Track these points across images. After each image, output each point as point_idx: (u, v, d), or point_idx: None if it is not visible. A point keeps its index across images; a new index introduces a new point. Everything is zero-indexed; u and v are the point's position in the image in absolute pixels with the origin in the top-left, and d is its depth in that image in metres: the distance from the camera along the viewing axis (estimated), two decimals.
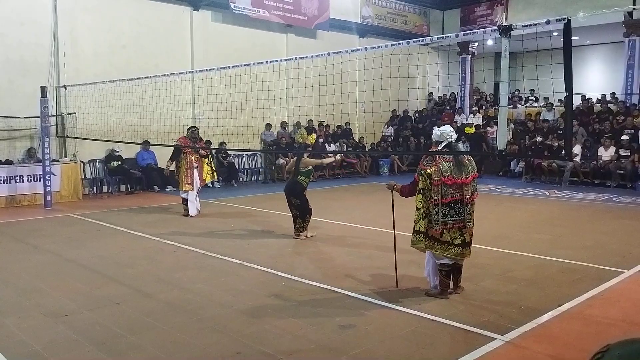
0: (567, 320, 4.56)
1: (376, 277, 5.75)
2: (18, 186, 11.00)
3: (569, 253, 6.71)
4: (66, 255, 6.83)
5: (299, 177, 7.65)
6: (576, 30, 13.02)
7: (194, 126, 9.96)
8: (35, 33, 11.84)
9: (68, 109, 12.16)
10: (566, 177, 14.02)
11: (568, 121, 5.08)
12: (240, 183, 15.09)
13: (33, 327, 4.40)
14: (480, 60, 19.39)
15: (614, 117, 15.12)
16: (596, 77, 21.12)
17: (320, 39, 17.01)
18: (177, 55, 13.98)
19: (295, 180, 7.68)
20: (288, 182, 7.94)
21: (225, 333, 4.25)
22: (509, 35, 4.73)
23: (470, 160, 5.07)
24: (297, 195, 7.59)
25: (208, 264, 6.42)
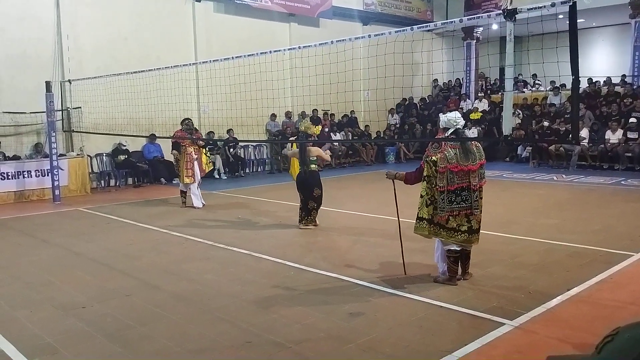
0: (577, 304, 4.55)
1: (383, 265, 5.76)
2: (26, 181, 11.07)
3: (578, 237, 6.68)
4: (75, 249, 6.88)
5: (312, 166, 7.66)
6: (582, 13, 12.88)
7: (188, 118, 9.93)
8: (37, 28, 11.85)
9: (73, 104, 12.19)
10: (574, 161, 13.94)
11: (575, 105, 5.04)
12: (247, 174, 15.12)
13: (44, 320, 4.45)
14: (485, 45, 19.23)
15: (622, 99, 14.99)
16: (603, 60, 20.92)
17: (323, 27, 16.92)
18: (180, 47, 13.95)
19: (312, 171, 7.67)
20: (304, 175, 7.67)
21: (234, 323, 4.28)
22: (514, 18, 4.68)
23: (478, 146, 5.02)
24: (319, 184, 7.64)
25: (216, 255, 6.45)
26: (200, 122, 14.35)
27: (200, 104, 14.24)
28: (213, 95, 10.95)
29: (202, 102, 14.14)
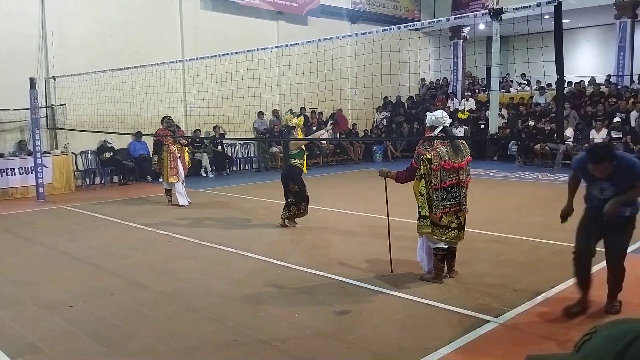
0: (561, 301, 4.59)
1: (370, 263, 5.77)
2: (10, 179, 10.94)
3: (562, 235, 6.73)
4: (60, 248, 6.82)
5: (292, 160, 7.55)
6: (567, 13, 13.01)
7: (167, 115, 9.85)
8: (23, 23, 11.69)
9: (58, 100, 12.06)
10: (559, 160, 14.08)
11: (559, 104, 5.09)
12: (234, 172, 15.06)
13: (28, 319, 4.40)
14: (471, 44, 19.35)
15: (606, 99, 15.16)
16: (588, 60, 21.13)
17: (311, 25, 16.90)
18: (167, 43, 13.86)
19: (290, 166, 7.57)
20: (283, 170, 7.82)
21: (220, 322, 4.27)
22: (500, 18, 4.71)
23: (464, 144, 5.09)
24: (294, 180, 7.47)
25: (202, 254, 6.42)
26: (186, 119, 14.27)
27: (187, 101, 14.16)
28: (200, 92, 10.88)
29: (189, 99, 14.06)
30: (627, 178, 3.90)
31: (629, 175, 3.89)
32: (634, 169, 3.90)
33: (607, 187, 3.97)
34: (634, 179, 3.93)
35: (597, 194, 4.06)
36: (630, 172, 3.89)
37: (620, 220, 4.05)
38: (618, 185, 3.93)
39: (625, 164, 3.88)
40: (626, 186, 3.93)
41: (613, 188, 3.95)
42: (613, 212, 3.94)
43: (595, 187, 4.04)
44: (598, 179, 3.96)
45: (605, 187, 3.98)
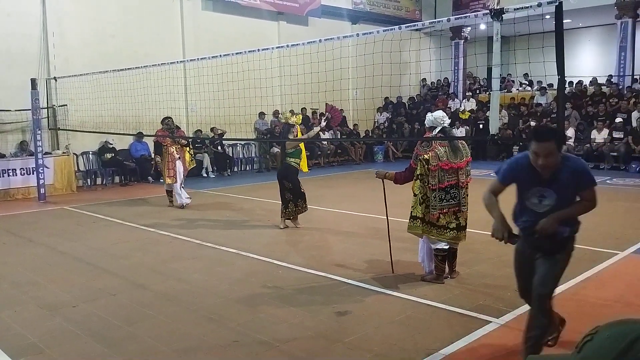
0: (562, 302, 4.58)
1: (371, 264, 5.77)
2: (11, 180, 10.95)
3: None
4: (61, 248, 6.82)
5: (288, 159, 7.56)
6: (568, 13, 13.01)
7: (168, 117, 9.84)
8: (23, 23, 11.71)
9: (59, 101, 12.07)
10: None
11: (560, 104, 5.08)
12: (235, 172, 15.07)
13: (29, 319, 4.40)
14: (472, 44, 19.34)
15: (607, 99, 15.15)
16: (589, 60, 21.12)
17: (312, 26, 16.91)
18: (168, 44, 13.87)
19: (286, 164, 7.61)
20: (279, 167, 7.89)
21: (221, 322, 4.26)
22: (501, 18, 4.71)
23: (464, 144, 5.09)
24: (290, 179, 7.50)
25: (203, 254, 6.42)
26: (188, 120, 14.29)
27: (188, 102, 14.17)
28: (201, 93, 10.88)
29: (190, 100, 14.07)
30: (573, 184, 3.17)
31: (576, 180, 3.17)
32: (585, 174, 3.19)
33: (549, 194, 3.18)
34: (581, 186, 3.20)
35: (535, 205, 3.24)
36: (579, 177, 3.17)
37: (557, 241, 3.24)
38: (561, 193, 3.16)
39: (574, 166, 3.17)
40: (571, 195, 3.22)
41: (555, 196, 3.16)
42: (549, 229, 3.14)
43: (533, 195, 3.23)
44: (537, 184, 3.18)
45: (547, 194, 3.18)
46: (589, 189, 3.22)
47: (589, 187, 3.21)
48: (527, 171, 3.20)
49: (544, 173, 3.13)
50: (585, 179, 3.19)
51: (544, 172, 3.12)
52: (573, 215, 3.26)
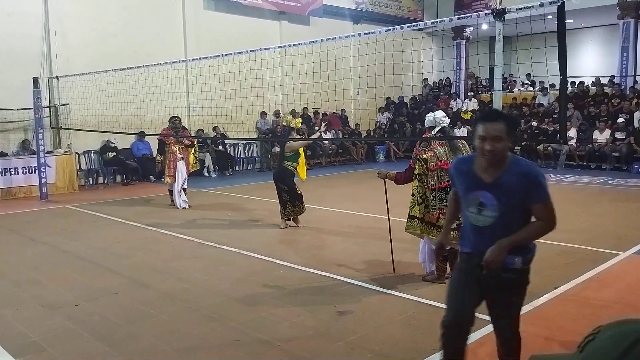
0: (563, 302, 4.59)
1: (372, 264, 5.77)
2: (13, 178, 10.96)
3: (565, 236, 6.72)
4: (63, 247, 6.83)
5: (285, 162, 7.58)
6: (570, 13, 13.00)
7: (175, 116, 9.82)
8: (25, 23, 11.72)
9: (61, 100, 12.08)
10: (561, 161, 14.05)
11: (562, 105, 5.08)
12: (236, 172, 15.08)
13: (31, 318, 4.41)
14: (474, 44, 19.32)
15: (610, 100, 15.13)
16: (591, 60, 21.09)
17: (314, 25, 16.91)
18: (170, 43, 13.87)
19: (282, 167, 7.62)
20: (276, 170, 7.88)
21: (222, 321, 4.27)
22: (503, 18, 4.71)
23: (464, 143, 5.08)
24: (285, 181, 7.53)
25: (204, 253, 6.42)
26: (189, 119, 14.30)
27: (190, 101, 14.18)
28: (203, 92, 10.89)
29: (191, 99, 14.08)
30: (520, 192, 2.59)
31: (525, 187, 2.58)
32: (537, 182, 2.60)
33: (489, 201, 2.62)
34: (531, 197, 2.60)
35: (474, 216, 2.69)
36: (529, 184, 2.59)
37: (508, 276, 2.70)
38: (504, 201, 2.60)
39: (524, 170, 2.62)
40: (516, 206, 2.62)
41: (496, 203, 2.60)
42: (497, 262, 2.60)
43: (472, 204, 2.68)
44: (477, 187, 2.67)
45: (486, 201, 2.62)
46: (541, 203, 2.60)
47: (540, 200, 2.60)
48: (467, 171, 2.74)
49: (488, 168, 2.63)
50: (537, 188, 2.59)
51: (489, 163, 2.60)
52: (525, 239, 2.67)
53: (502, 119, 2.58)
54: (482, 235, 2.67)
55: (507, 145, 2.57)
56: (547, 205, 2.62)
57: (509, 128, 2.58)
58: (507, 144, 2.56)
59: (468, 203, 2.72)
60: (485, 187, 2.63)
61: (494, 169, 2.62)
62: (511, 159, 2.62)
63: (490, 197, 2.61)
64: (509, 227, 2.61)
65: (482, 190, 2.64)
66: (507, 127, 2.57)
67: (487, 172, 2.64)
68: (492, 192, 2.61)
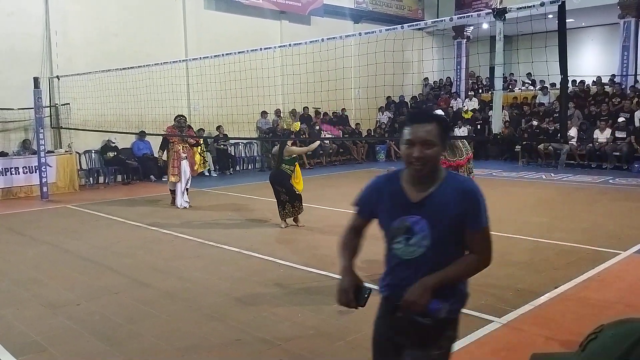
0: (564, 302, 4.59)
1: (373, 263, 5.74)
2: (14, 178, 10.97)
3: (566, 235, 6.73)
4: (63, 246, 6.83)
5: (283, 165, 7.57)
6: (571, 13, 12.98)
7: (181, 115, 9.81)
8: (26, 23, 11.72)
9: (62, 100, 12.09)
10: (562, 160, 14.05)
11: (563, 104, 5.08)
12: (237, 171, 15.08)
13: (32, 317, 4.41)
14: (475, 43, 19.31)
15: (610, 99, 15.12)
16: (592, 60, 21.07)
17: (314, 25, 16.90)
18: (170, 43, 13.87)
19: (280, 170, 7.60)
20: (272, 171, 7.87)
21: (223, 321, 4.27)
22: (504, 18, 4.71)
23: (464, 142, 5.09)
24: (282, 184, 7.54)
25: (205, 253, 6.43)
26: (190, 119, 14.28)
27: (191, 101, 14.18)
28: (203, 92, 10.90)
29: (192, 99, 14.08)
30: (455, 213, 2.04)
31: (461, 207, 2.04)
32: (475, 201, 2.07)
33: (418, 225, 2.06)
34: (468, 221, 2.05)
35: (401, 248, 2.12)
36: (467, 203, 2.05)
37: (427, 324, 2.07)
38: (437, 223, 2.05)
39: (462, 186, 2.09)
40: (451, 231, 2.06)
41: (426, 228, 2.05)
42: (419, 305, 2.01)
43: (398, 232, 2.11)
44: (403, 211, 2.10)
45: (415, 225, 2.06)
46: (478, 231, 2.07)
47: (478, 227, 2.07)
48: (393, 192, 2.15)
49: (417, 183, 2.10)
50: (476, 210, 2.06)
51: (419, 175, 2.07)
52: (455, 277, 2.12)
53: (434, 120, 2.08)
54: (410, 270, 2.09)
55: (439, 152, 2.08)
56: (485, 234, 2.11)
57: (442, 131, 2.08)
58: (439, 150, 2.07)
59: (393, 233, 2.13)
60: (413, 208, 2.08)
61: (423, 184, 2.09)
62: (446, 173, 2.14)
63: (420, 219, 2.06)
64: (443, 261, 2.07)
65: (410, 212, 2.08)
66: (440, 130, 2.06)
67: (415, 189, 2.10)
68: (423, 214, 2.06)
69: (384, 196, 2.20)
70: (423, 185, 2.10)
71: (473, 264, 2.15)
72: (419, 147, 2.03)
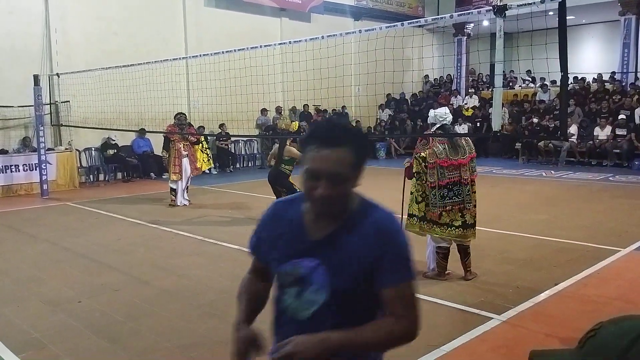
0: (563, 299, 4.60)
1: None
2: (14, 175, 10.97)
3: (566, 233, 6.74)
4: (64, 244, 6.84)
5: (282, 165, 7.54)
6: (571, 10, 12.94)
7: (181, 112, 9.79)
8: (26, 21, 11.71)
9: (62, 97, 12.08)
10: (562, 157, 14.04)
11: (563, 101, 5.07)
12: (237, 169, 15.08)
13: (32, 315, 4.42)
14: (475, 41, 19.29)
15: (610, 96, 15.11)
16: (592, 57, 21.05)
17: (314, 22, 16.88)
18: (170, 41, 13.86)
19: (279, 170, 7.56)
20: (272, 171, 7.77)
21: (223, 318, 4.27)
22: (504, 15, 4.70)
23: (467, 140, 5.04)
24: (282, 184, 7.52)
25: (205, 250, 6.43)
26: (190, 116, 14.28)
27: (191, 98, 14.17)
28: (203, 89, 10.88)
29: (192, 96, 14.07)
30: (368, 260, 1.49)
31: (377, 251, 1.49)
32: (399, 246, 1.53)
33: (316, 273, 1.52)
34: (385, 272, 1.49)
35: (291, 303, 1.57)
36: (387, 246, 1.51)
37: None
38: (340, 272, 1.50)
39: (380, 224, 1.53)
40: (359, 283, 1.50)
41: (328, 281, 1.51)
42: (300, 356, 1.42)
43: (289, 277, 1.56)
44: (298, 252, 1.55)
45: (312, 273, 1.52)
46: (396, 286, 1.49)
47: (395, 281, 1.49)
48: (287, 224, 1.60)
49: (319, 218, 1.54)
50: (394, 257, 1.50)
51: (322, 212, 1.52)
52: (363, 344, 1.49)
53: (350, 142, 1.46)
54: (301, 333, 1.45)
55: (353, 186, 1.51)
56: (406, 292, 1.50)
57: (359, 157, 1.48)
58: (353, 183, 1.50)
59: (282, 280, 1.57)
60: (311, 249, 1.52)
61: (327, 219, 1.53)
62: (360, 202, 1.56)
63: (318, 265, 1.50)
64: (347, 324, 1.47)
65: (307, 254, 1.52)
66: (356, 156, 1.46)
67: (316, 224, 1.54)
68: (322, 257, 1.50)
69: (278, 228, 1.62)
70: (327, 219, 1.53)
71: (389, 330, 1.50)
72: (327, 182, 1.44)
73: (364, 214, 1.54)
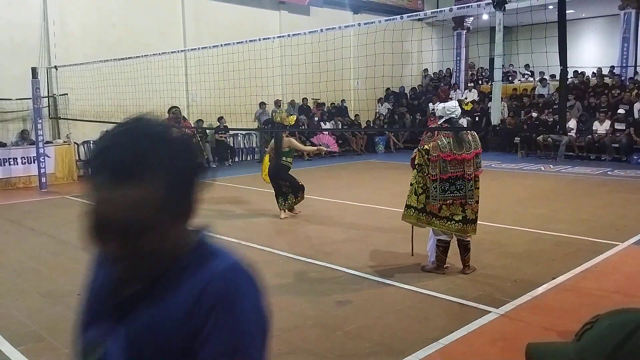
0: (562, 292, 4.61)
1: (372, 254, 5.78)
2: (12, 168, 10.96)
3: (564, 227, 6.75)
4: (62, 237, 6.84)
5: (282, 158, 7.53)
6: (571, 4, 12.94)
7: (175, 106, 9.77)
8: (24, 13, 11.66)
9: (60, 90, 12.05)
10: (561, 152, 14.05)
11: (562, 95, 5.07)
12: (236, 162, 15.06)
13: (31, 308, 4.42)
14: (475, 34, 19.24)
15: (610, 91, 15.09)
16: (592, 51, 21.02)
17: (313, 15, 16.83)
18: (169, 33, 13.81)
19: (280, 164, 7.54)
20: (272, 166, 7.70)
21: None
22: (504, 8, 4.69)
23: (474, 135, 5.01)
24: (284, 177, 7.52)
25: None
26: (188, 110, 14.26)
27: (189, 91, 14.14)
28: (202, 82, 10.86)
29: (190, 89, 14.03)
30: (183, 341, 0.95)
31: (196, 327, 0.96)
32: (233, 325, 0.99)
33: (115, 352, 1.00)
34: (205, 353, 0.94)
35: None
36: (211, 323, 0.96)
37: None
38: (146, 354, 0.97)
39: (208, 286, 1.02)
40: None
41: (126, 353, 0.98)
42: None
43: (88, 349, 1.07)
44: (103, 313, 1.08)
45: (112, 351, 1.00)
46: None
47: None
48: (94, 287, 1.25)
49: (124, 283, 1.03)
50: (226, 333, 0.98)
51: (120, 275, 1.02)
52: None
53: (153, 168, 0.96)
54: None
55: (167, 234, 1.05)
56: None
57: (173, 187, 1.03)
58: (166, 230, 1.05)
59: (81, 350, 1.12)
60: (116, 312, 1.05)
61: None
62: (193, 251, 1.14)
63: (120, 336, 1.02)
64: None
65: (106, 319, 1.08)
66: (166, 188, 1.01)
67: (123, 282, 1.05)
68: (127, 326, 1.02)
69: (95, 280, 1.23)
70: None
71: None
72: (116, 237, 0.95)
73: (193, 269, 1.06)
